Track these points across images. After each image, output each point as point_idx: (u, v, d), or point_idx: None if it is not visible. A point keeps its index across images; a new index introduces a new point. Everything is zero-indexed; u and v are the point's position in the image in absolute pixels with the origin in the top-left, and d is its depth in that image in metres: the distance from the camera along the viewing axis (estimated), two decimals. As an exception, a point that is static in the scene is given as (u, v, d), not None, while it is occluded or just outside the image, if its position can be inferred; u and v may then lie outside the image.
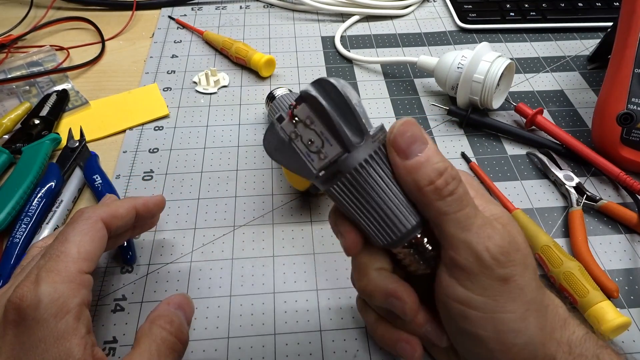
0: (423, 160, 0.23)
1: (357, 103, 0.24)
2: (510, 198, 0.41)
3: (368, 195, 0.24)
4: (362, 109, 0.25)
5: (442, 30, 0.61)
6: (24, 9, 0.62)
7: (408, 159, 0.23)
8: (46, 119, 0.47)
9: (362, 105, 0.25)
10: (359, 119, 0.24)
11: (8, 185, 0.39)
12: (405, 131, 0.23)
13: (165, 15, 0.63)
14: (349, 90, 0.24)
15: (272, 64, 0.53)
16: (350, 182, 0.24)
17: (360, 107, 0.24)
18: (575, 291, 0.33)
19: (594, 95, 0.51)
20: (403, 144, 0.23)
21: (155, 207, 0.34)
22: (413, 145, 0.23)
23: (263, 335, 0.33)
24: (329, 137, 0.24)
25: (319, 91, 0.24)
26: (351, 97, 0.24)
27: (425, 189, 0.23)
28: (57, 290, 0.25)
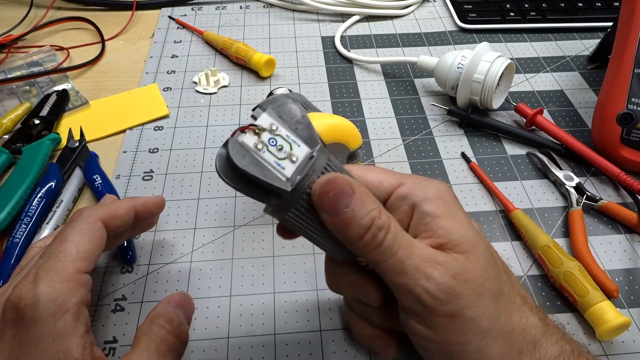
0: (350, 217, 0.23)
1: (299, 119, 0.24)
2: (510, 198, 0.41)
3: (309, 233, 0.25)
4: (303, 125, 0.24)
5: (442, 30, 0.61)
6: (24, 9, 0.62)
7: (335, 217, 0.23)
8: (46, 119, 0.47)
9: (305, 119, 0.24)
10: (271, 182, 0.22)
11: (8, 185, 0.39)
12: (327, 191, 0.23)
13: (165, 15, 0.63)
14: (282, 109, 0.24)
15: (272, 64, 0.53)
16: (290, 219, 0.24)
17: (299, 124, 0.24)
18: (575, 291, 0.33)
19: (594, 95, 0.51)
20: (327, 203, 0.23)
21: (154, 207, 0.34)
22: (338, 202, 0.23)
23: (263, 335, 0.33)
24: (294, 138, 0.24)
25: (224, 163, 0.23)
26: (281, 123, 0.24)
27: (356, 244, 0.23)
28: (56, 289, 0.25)
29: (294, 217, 0.24)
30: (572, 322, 0.33)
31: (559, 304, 0.34)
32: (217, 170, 0.23)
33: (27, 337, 0.24)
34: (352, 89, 0.52)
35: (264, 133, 0.24)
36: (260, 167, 0.23)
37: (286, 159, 0.23)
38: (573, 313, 0.34)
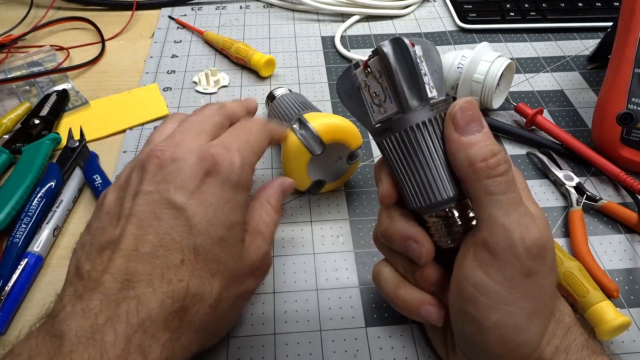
0: (479, 139, 0.24)
1: (436, 69, 0.26)
2: (510, 198, 0.41)
3: (412, 157, 0.26)
4: (438, 75, 0.26)
5: (442, 30, 0.61)
6: (24, 9, 0.62)
7: (464, 135, 0.24)
8: (46, 118, 0.47)
9: (441, 71, 0.27)
10: (422, 84, 0.25)
11: (8, 185, 0.39)
12: (467, 109, 0.25)
13: (165, 15, 0.63)
14: (429, 53, 0.27)
15: (272, 64, 0.53)
16: (398, 141, 0.26)
17: (436, 73, 0.26)
18: (575, 291, 0.33)
19: (594, 95, 0.51)
20: (462, 120, 0.24)
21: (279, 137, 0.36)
22: (471, 124, 0.24)
23: (263, 335, 0.33)
24: (390, 94, 0.26)
25: (393, 49, 0.25)
26: (426, 62, 0.26)
27: (477, 164, 0.24)
28: (245, 168, 0.28)
29: (415, 135, 0.25)
30: (572, 322, 0.34)
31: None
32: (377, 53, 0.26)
33: (222, 190, 0.27)
34: (352, 89, 0.52)
35: (371, 75, 0.26)
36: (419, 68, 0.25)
37: (428, 85, 0.26)
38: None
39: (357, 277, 0.36)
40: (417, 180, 0.26)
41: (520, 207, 0.24)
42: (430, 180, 0.25)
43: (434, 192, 0.25)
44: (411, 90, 0.25)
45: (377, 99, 0.26)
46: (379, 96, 0.26)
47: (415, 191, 0.26)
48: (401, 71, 0.25)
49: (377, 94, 0.26)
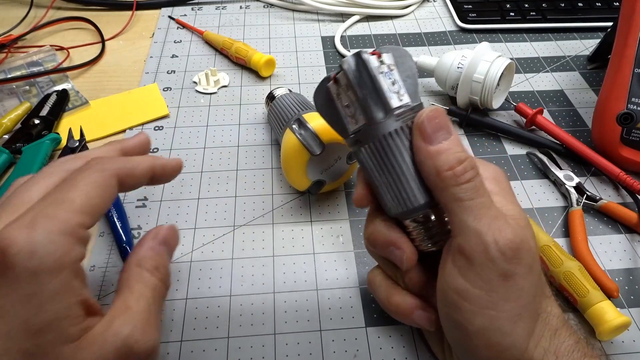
0: (445, 148, 0.24)
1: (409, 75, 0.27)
2: (510, 198, 0.41)
3: (384, 166, 0.26)
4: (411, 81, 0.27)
5: (442, 30, 0.61)
6: (24, 9, 0.62)
7: (431, 145, 0.24)
8: (46, 118, 0.47)
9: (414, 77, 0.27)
10: (384, 96, 0.25)
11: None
12: (433, 117, 0.25)
13: (165, 15, 0.63)
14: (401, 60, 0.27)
15: (272, 64, 0.53)
16: (369, 151, 0.26)
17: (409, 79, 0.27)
18: (575, 291, 0.33)
19: (594, 95, 0.51)
20: (429, 129, 0.24)
21: (172, 171, 0.30)
22: (438, 132, 0.24)
23: (263, 335, 0.33)
24: (357, 107, 0.26)
25: (355, 63, 0.26)
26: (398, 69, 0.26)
27: (443, 174, 0.24)
28: (54, 241, 0.22)
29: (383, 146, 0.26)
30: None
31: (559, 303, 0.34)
32: (341, 68, 0.26)
33: (17, 289, 0.21)
34: (352, 89, 0.52)
35: (384, 66, 0.26)
36: (379, 81, 0.25)
37: (395, 93, 0.26)
38: (573, 313, 0.34)
39: (357, 277, 0.36)
40: (391, 187, 0.26)
41: (491, 210, 0.24)
42: (403, 188, 0.26)
43: (409, 198, 0.26)
44: (375, 103, 0.25)
45: (349, 111, 0.27)
46: (350, 108, 0.27)
47: (391, 198, 0.27)
48: (361, 85, 0.25)
49: (348, 106, 0.27)
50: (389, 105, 0.25)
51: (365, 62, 0.25)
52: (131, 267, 0.26)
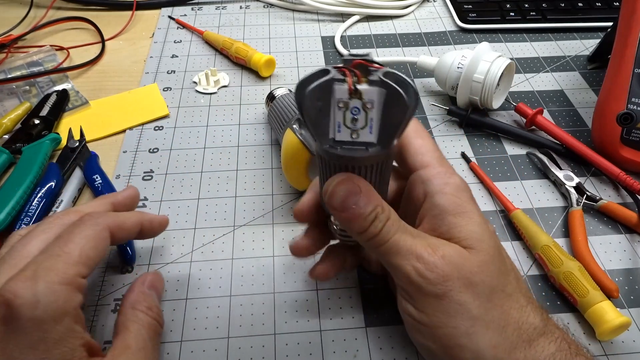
0: (356, 214, 0.25)
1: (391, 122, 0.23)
2: (510, 198, 0.41)
3: (322, 175, 0.27)
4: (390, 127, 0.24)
5: (442, 30, 0.61)
6: (24, 9, 0.62)
7: (343, 212, 0.25)
8: (46, 119, 0.47)
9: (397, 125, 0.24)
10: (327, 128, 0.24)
11: (8, 185, 0.39)
12: (336, 192, 0.25)
13: (165, 15, 0.63)
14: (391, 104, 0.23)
15: (272, 64, 0.53)
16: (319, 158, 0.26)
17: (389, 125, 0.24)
18: (575, 291, 0.33)
19: (594, 95, 0.51)
20: (336, 202, 0.25)
21: (159, 226, 0.34)
22: (346, 200, 0.25)
23: (263, 335, 0.33)
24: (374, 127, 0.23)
25: (411, 95, 0.23)
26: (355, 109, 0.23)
27: (358, 235, 0.26)
28: (56, 291, 0.24)
29: (318, 160, 0.26)
30: (572, 322, 0.33)
31: (559, 304, 0.34)
32: (297, 84, 0.24)
33: (24, 337, 0.23)
34: (352, 89, 0.52)
35: (354, 100, 0.23)
36: (323, 113, 0.23)
37: (349, 129, 0.24)
38: (573, 313, 0.34)
39: (357, 277, 0.36)
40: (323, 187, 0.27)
41: (406, 241, 0.25)
42: None
43: None
44: (324, 127, 0.24)
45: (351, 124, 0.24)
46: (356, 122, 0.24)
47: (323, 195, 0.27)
48: (405, 118, 0.23)
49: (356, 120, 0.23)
50: (327, 137, 0.24)
51: (332, 91, 0.23)
52: (126, 310, 0.29)
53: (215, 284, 0.36)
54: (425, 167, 0.28)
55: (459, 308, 0.24)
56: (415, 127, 0.29)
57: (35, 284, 0.24)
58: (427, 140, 0.29)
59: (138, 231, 0.31)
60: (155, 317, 0.29)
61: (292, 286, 0.35)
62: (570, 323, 0.33)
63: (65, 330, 0.24)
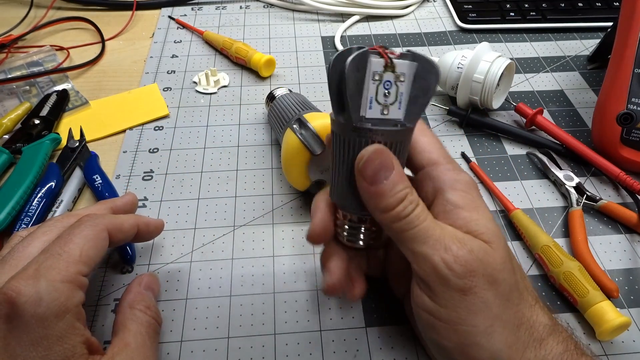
0: (386, 190, 0.25)
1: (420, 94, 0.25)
2: (510, 198, 0.41)
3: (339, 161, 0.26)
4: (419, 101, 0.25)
5: (442, 30, 0.61)
6: (24, 9, 0.62)
7: (373, 185, 0.25)
8: (46, 119, 0.47)
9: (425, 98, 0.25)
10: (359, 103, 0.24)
11: (8, 185, 0.39)
12: (373, 159, 0.25)
13: (165, 15, 0.63)
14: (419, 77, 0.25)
15: (272, 64, 0.53)
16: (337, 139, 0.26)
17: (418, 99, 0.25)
18: (575, 291, 0.33)
19: (594, 95, 0.51)
20: (370, 171, 0.25)
21: (155, 230, 0.34)
22: (379, 173, 0.25)
23: (263, 335, 0.33)
24: (404, 102, 0.25)
25: (359, 60, 0.24)
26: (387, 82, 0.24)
27: (385, 215, 0.25)
28: (58, 288, 0.25)
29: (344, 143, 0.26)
30: (572, 322, 0.33)
31: (559, 304, 0.34)
32: (335, 57, 0.24)
33: (27, 334, 0.24)
34: (352, 89, 0.52)
35: (388, 74, 0.24)
36: (358, 87, 0.24)
37: (380, 105, 0.25)
38: (573, 313, 0.34)
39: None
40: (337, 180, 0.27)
41: (435, 230, 0.25)
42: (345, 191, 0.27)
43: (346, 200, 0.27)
44: (355, 104, 0.24)
45: (383, 99, 0.25)
46: (388, 97, 0.25)
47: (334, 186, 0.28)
48: (348, 84, 0.24)
49: (388, 94, 0.24)
50: (358, 114, 0.24)
51: (368, 63, 0.24)
52: (124, 310, 0.29)
53: (215, 284, 0.36)
54: (434, 164, 0.28)
55: (481, 306, 0.24)
56: (420, 125, 0.29)
57: (38, 282, 0.24)
58: (433, 138, 0.29)
59: (135, 233, 0.32)
60: (154, 315, 0.30)
61: (292, 286, 0.35)
62: (570, 323, 0.33)
63: (66, 327, 0.24)
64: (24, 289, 0.24)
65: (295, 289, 0.35)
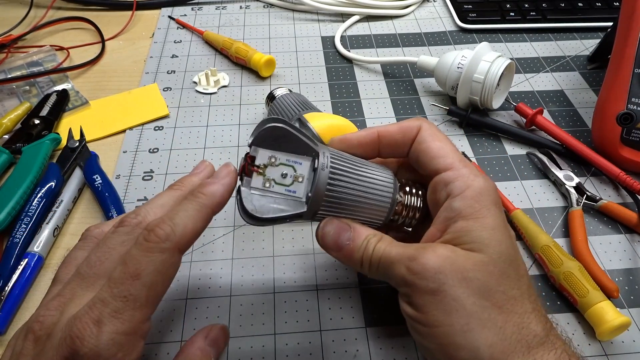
0: (353, 248, 0.28)
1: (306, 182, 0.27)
2: (510, 198, 0.41)
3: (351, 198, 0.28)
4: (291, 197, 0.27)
5: (442, 30, 0.61)
6: (24, 9, 0.62)
7: (340, 252, 0.28)
8: (46, 119, 0.47)
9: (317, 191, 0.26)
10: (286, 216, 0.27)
11: (8, 185, 0.39)
12: (326, 233, 0.28)
13: (165, 15, 0.63)
14: None
15: (272, 64, 0.53)
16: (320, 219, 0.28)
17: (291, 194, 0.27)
18: (575, 291, 0.33)
19: (594, 95, 0.51)
20: (330, 243, 0.28)
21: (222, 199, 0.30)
22: (339, 239, 0.28)
23: (263, 335, 0.33)
24: (296, 157, 0.27)
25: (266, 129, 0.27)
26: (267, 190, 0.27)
27: (359, 264, 0.28)
28: (118, 342, 0.23)
29: (322, 214, 0.28)
30: (572, 322, 0.33)
31: (559, 304, 0.34)
32: (244, 219, 0.27)
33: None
34: (352, 89, 0.52)
35: (267, 169, 0.27)
36: (276, 202, 0.26)
37: (294, 182, 0.27)
38: (573, 313, 0.34)
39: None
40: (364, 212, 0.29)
41: (398, 249, 0.27)
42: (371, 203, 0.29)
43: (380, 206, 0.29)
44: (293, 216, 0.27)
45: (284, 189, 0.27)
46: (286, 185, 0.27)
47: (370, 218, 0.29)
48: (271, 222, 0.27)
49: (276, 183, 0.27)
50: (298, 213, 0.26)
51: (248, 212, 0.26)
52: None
53: (215, 283, 0.36)
54: (448, 169, 0.28)
55: (454, 304, 0.24)
56: (430, 130, 0.29)
57: (100, 332, 0.22)
58: (446, 142, 0.29)
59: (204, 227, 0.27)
60: None
61: (292, 286, 0.35)
62: (570, 323, 0.33)
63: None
64: (88, 338, 0.22)
65: (295, 289, 0.35)
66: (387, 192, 0.29)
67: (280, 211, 0.26)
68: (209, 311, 0.34)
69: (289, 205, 0.26)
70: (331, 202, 0.27)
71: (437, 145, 0.29)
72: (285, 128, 0.26)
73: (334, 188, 0.26)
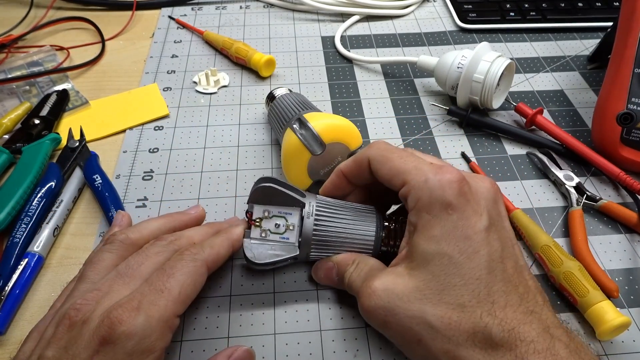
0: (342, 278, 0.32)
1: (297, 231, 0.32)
2: (510, 198, 0.41)
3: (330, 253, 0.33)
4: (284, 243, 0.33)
5: (442, 30, 0.61)
6: (24, 9, 0.62)
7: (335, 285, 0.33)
8: (46, 119, 0.47)
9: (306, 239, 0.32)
10: (282, 260, 0.32)
11: (8, 185, 0.39)
12: (319, 277, 0.34)
13: (165, 15, 0.63)
14: None
15: (272, 64, 0.53)
16: (314, 258, 0.33)
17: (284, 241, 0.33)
18: (575, 291, 0.33)
19: (594, 95, 0.51)
20: (324, 282, 0.34)
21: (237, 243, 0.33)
22: (330, 277, 0.33)
23: (263, 335, 0.33)
24: (286, 209, 0.32)
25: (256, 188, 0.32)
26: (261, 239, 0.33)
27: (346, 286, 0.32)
28: (152, 327, 0.25)
29: (315, 254, 0.33)
30: (572, 322, 0.33)
31: (559, 303, 0.34)
32: (247, 264, 0.33)
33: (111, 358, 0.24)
34: (352, 89, 0.52)
35: (263, 221, 0.32)
36: (272, 249, 0.32)
37: (286, 230, 0.32)
38: (573, 313, 0.34)
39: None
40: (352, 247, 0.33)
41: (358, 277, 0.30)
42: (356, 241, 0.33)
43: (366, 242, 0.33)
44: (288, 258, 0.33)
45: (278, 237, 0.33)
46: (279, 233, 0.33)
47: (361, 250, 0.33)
48: (271, 265, 0.33)
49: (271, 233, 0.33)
50: (293, 256, 0.32)
51: (250, 261, 0.32)
52: None
53: (215, 284, 0.36)
54: (403, 185, 0.29)
55: (401, 329, 0.27)
56: (378, 155, 0.30)
57: (138, 315, 0.25)
58: (395, 158, 0.30)
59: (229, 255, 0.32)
60: None
61: (292, 286, 0.35)
62: (570, 323, 0.33)
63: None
64: (126, 320, 0.25)
65: (295, 289, 0.35)
66: (369, 229, 0.32)
67: (276, 256, 0.31)
68: (209, 311, 0.34)
69: (284, 250, 0.32)
70: (319, 243, 0.32)
71: (388, 168, 0.30)
72: (272, 187, 0.31)
73: (319, 231, 0.31)
